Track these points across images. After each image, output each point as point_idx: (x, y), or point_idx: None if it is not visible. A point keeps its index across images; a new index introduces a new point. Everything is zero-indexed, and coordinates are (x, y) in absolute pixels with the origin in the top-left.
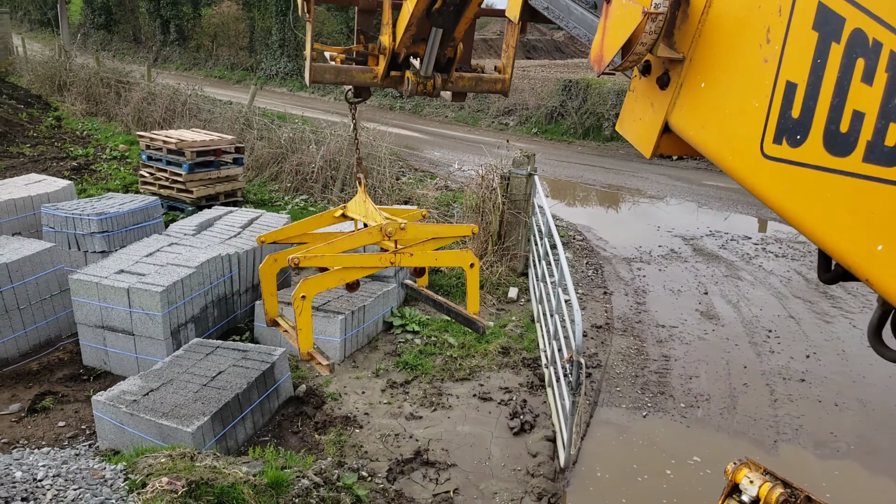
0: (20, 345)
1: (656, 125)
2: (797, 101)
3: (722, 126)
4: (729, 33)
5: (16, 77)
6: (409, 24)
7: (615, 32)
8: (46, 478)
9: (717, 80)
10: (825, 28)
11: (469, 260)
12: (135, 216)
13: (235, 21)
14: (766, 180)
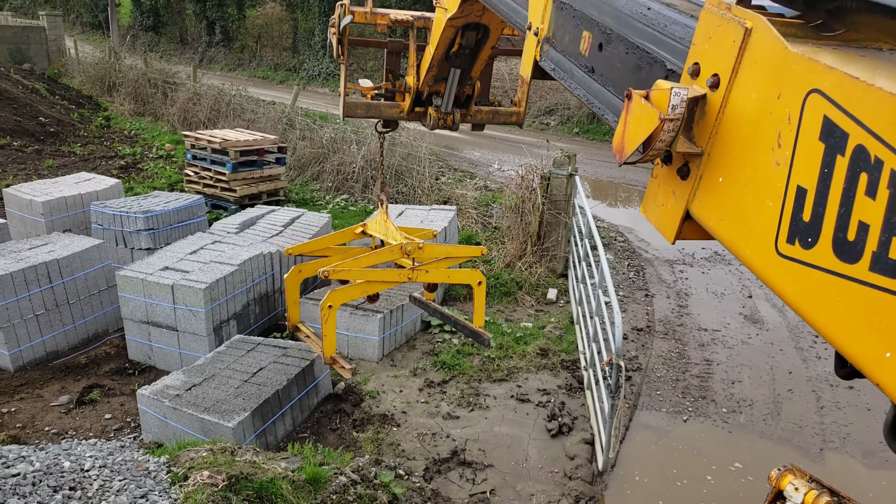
0: (69, 338)
1: (678, 213)
2: (807, 206)
3: (739, 221)
4: (744, 134)
5: (68, 78)
6: (430, 66)
7: (634, 130)
8: (93, 468)
9: (733, 176)
10: (830, 140)
11: (477, 278)
12: (179, 214)
13: (279, 22)
14: (781, 278)
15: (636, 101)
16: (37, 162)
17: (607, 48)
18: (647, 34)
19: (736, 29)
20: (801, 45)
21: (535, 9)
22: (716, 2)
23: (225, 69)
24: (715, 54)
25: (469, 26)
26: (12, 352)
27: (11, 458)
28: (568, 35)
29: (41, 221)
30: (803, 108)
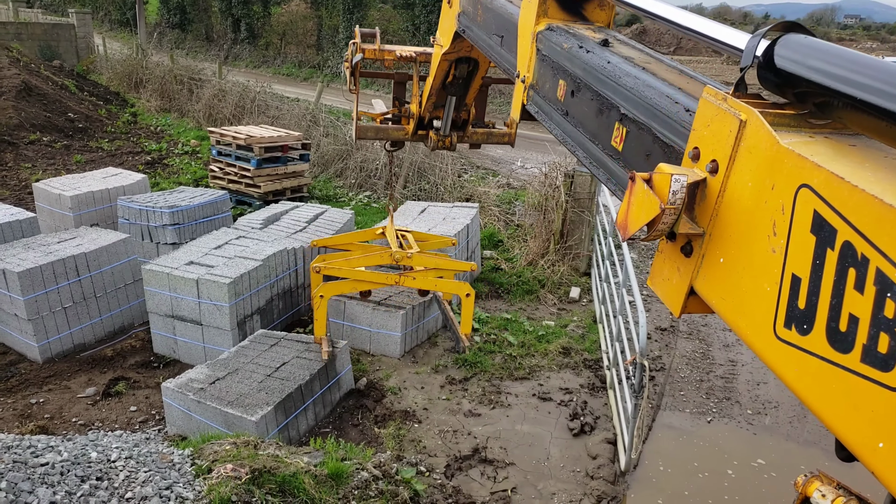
0: (96, 331)
1: (682, 288)
2: (802, 294)
3: (739, 302)
4: (742, 219)
5: (96, 75)
6: (430, 94)
7: (637, 213)
8: (119, 459)
9: (733, 258)
10: (821, 234)
11: (465, 290)
12: (204, 209)
13: (304, 19)
14: (779, 361)
15: (639, 186)
16: (65, 157)
17: (577, 95)
18: (608, 84)
19: (732, 120)
20: (794, 136)
21: (522, 60)
22: (713, 91)
23: (250, 66)
24: (713, 141)
25: (461, 60)
26: (41, 343)
27: (40, 448)
28: (548, 83)
29: (69, 215)
30: (795, 200)
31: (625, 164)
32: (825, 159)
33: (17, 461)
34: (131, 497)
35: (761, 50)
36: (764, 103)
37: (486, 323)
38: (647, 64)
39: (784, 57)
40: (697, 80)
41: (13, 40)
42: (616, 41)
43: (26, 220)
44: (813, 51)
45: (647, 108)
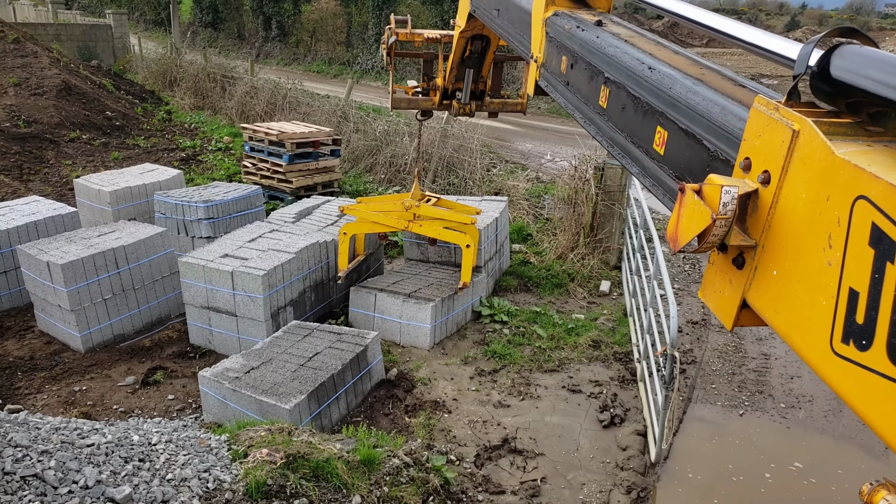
0: (135, 322)
1: (735, 301)
2: (860, 308)
3: (794, 316)
4: (796, 231)
5: (132, 74)
6: (451, 68)
7: (688, 224)
8: (160, 443)
9: (787, 271)
10: (880, 247)
11: (466, 241)
12: (238, 204)
13: (333, 17)
14: (837, 376)
15: (689, 196)
16: (104, 154)
17: (575, 67)
18: (597, 56)
19: (784, 130)
20: (850, 146)
21: (535, 43)
22: (764, 101)
23: (281, 64)
24: (765, 152)
25: (476, 37)
26: (83, 333)
27: (86, 430)
28: (554, 60)
29: (108, 210)
30: (852, 212)
31: (608, 118)
32: (883, 169)
33: (65, 442)
34: (172, 478)
35: (815, 59)
36: (818, 112)
37: (516, 316)
38: (631, 38)
39: (840, 67)
40: (668, 48)
41: (53, 41)
42: (609, 21)
43: (68, 214)
44: (871, 61)
45: (623, 70)
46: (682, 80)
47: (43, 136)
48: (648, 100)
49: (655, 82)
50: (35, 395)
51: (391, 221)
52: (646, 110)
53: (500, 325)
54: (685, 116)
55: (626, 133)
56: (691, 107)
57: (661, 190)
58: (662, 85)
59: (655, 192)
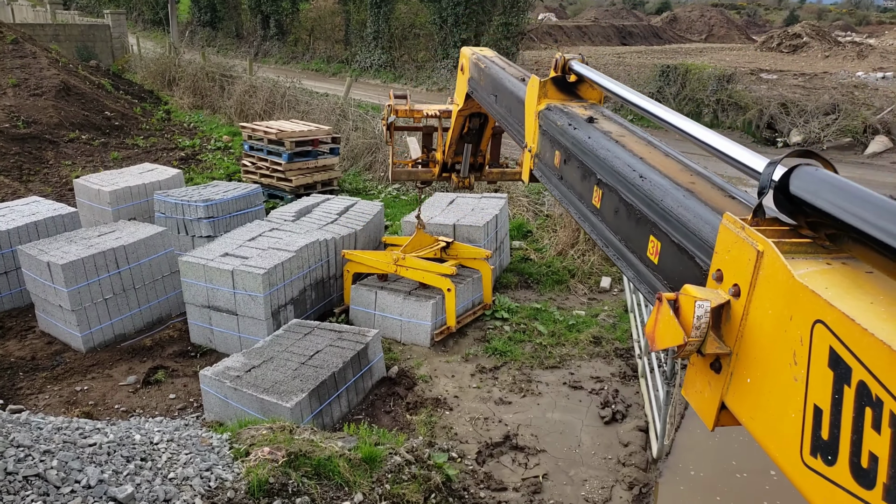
0: (135, 322)
1: (714, 403)
2: (824, 425)
3: (767, 424)
4: (764, 343)
5: (131, 74)
6: (450, 144)
7: (663, 335)
8: (162, 442)
9: (759, 380)
10: (837, 370)
11: (447, 286)
12: (238, 203)
13: (331, 15)
14: (808, 487)
15: (665, 309)
16: (103, 154)
17: (568, 163)
18: (589, 158)
19: (749, 249)
20: (810, 265)
21: (529, 133)
22: (731, 219)
23: (279, 62)
24: (734, 266)
25: (473, 115)
26: (84, 333)
27: (88, 430)
28: (547, 152)
29: (108, 210)
30: (812, 334)
31: (601, 218)
32: (839, 293)
33: (67, 441)
34: (174, 477)
35: (777, 176)
36: (781, 229)
37: (516, 313)
38: (622, 138)
39: (798, 186)
40: (659, 150)
41: (51, 41)
42: (601, 117)
43: (68, 214)
44: (824, 184)
45: (615, 175)
46: (672, 192)
47: (42, 136)
48: (640, 208)
49: (647, 192)
50: (37, 396)
51: (382, 266)
52: (638, 218)
53: (500, 322)
54: (677, 231)
55: (620, 236)
56: (682, 223)
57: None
58: (654, 196)
59: (651, 299)
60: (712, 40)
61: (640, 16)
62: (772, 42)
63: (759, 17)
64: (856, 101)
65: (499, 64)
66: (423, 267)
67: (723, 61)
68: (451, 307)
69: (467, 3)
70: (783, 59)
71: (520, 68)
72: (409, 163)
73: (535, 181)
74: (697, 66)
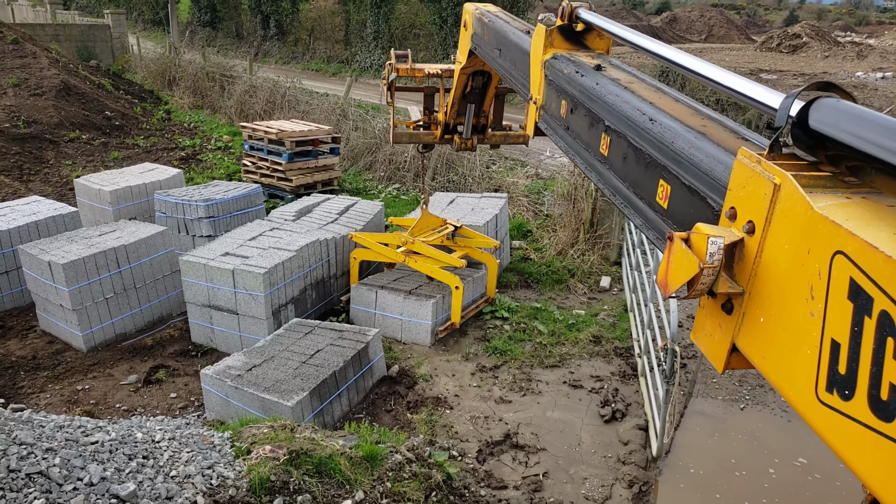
0: (136, 321)
1: (725, 345)
2: (842, 360)
3: (780, 362)
4: (779, 280)
5: (131, 73)
6: (452, 104)
7: (676, 272)
8: (163, 440)
9: (773, 319)
10: (858, 302)
11: (455, 283)
12: (238, 203)
13: (332, 15)
14: (822, 424)
15: (677, 245)
16: (104, 154)
17: (575, 112)
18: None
19: (766, 183)
20: (829, 198)
21: (534, 85)
22: (747, 154)
23: (279, 62)
24: (749, 203)
25: (476, 73)
26: (85, 333)
27: (90, 428)
28: (553, 103)
29: (109, 210)
30: (831, 266)
31: (609, 166)
32: (860, 224)
33: (69, 439)
34: (175, 475)
35: (795, 110)
36: (799, 164)
37: (516, 312)
38: (630, 84)
39: (818, 119)
40: (669, 95)
41: (52, 41)
42: (609, 65)
43: (69, 214)
44: (846, 115)
45: (624, 119)
46: (684, 134)
47: (43, 136)
48: (650, 152)
49: (657, 135)
50: (38, 395)
51: (390, 255)
52: (647, 162)
53: (500, 321)
54: (688, 172)
55: (628, 183)
56: (694, 163)
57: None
58: (664, 138)
59: (659, 245)
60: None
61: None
62: (771, 42)
63: (758, 18)
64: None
65: (503, 18)
66: (433, 256)
67: (722, 61)
68: (457, 304)
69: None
70: (783, 59)
71: (524, 23)
72: (411, 124)
73: (540, 134)
74: None
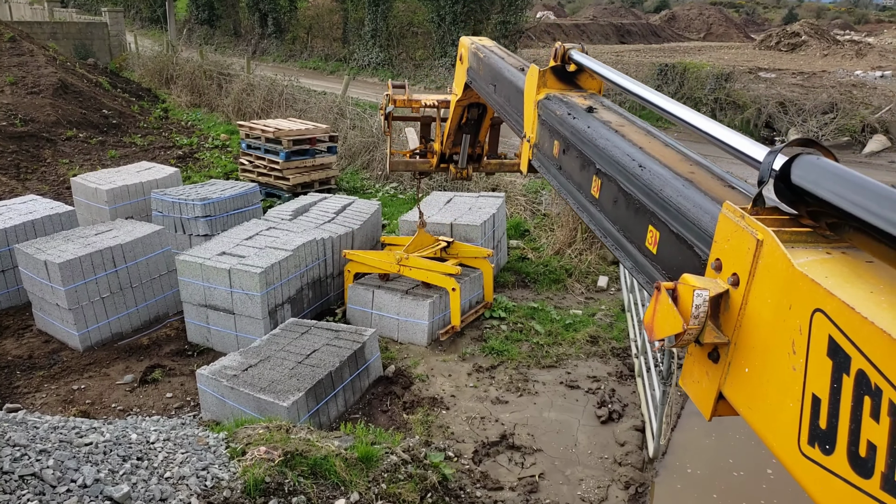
0: (133, 321)
1: (712, 393)
2: (822, 415)
3: (765, 413)
4: (763, 333)
5: (129, 72)
6: (448, 134)
7: (662, 324)
8: (158, 441)
9: (757, 370)
10: (836, 359)
11: (451, 285)
12: (235, 202)
13: (329, 13)
14: (805, 476)
15: (663, 297)
16: (100, 152)
17: (567, 153)
18: (588, 147)
19: (749, 238)
20: (810, 254)
21: (528, 123)
22: (731, 208)
23: (277, 60)
24: (734, 256)
25: (472, 105)
26: (81, 332)
27: (84, 429)
28: (546, 142)
29: (105, 209)
30: (811, 323)
31: (600, 208)
32: (838, 282)
33: (63, 440)
34: (170, 476)
35: (778, 165)
36: (781, 218)
37: (513, 312)
38: (621, 127)
39: (799, 176)
40: (658, 139)
41: (49, 39)
42: (601, 107)
43: (65, 213)
44: (826, 173)
45: (614, 164)
46: (672, 182)
47: (40, 134)
48: (639, 198)
49: (646, 181)
50: (34, 394)
51: (385, 265)
52: (637, 207)
53: (497, 321)
54: (676, 221)
55: (619, 226)
56: (682, 212)
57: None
58: (653, 185)
59: (648, 289)
60: (711, 39)
61: (639, 14)
62: (770, 41)
63: (757, 16)
64: (854, 100)
65: (498, 54)
66: (426, 266)
67: (721, 60)
68: (455, 306)
69: (465, 2)
70: (781, 57)
71: (519, 58)
72: (408, 153)
73: (533, 172)
74: (696, 64)
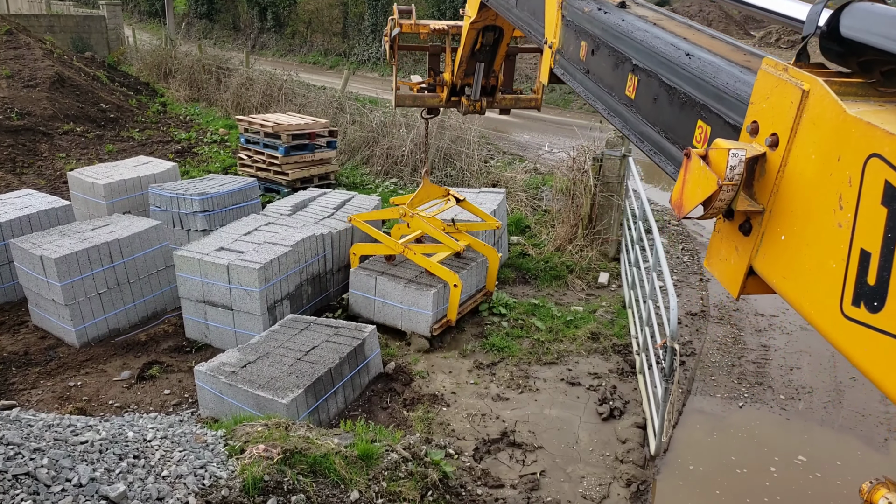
0: (130, 317)
1: (741, 268)
2: (872, 269)
3: (802, 280)
4: (804, 193)
5: (127, 65)
6: (460, 62)
7: (693, 190)
8: (155, 439)
9: (796, 235)
10: (893, 206)
11: (454, 280)
12: (234, 197)
13: (329, 7)
14: (847, 340)
15: (694, 162)
16: (98, 147)
17: (597, 53)
18: (623, 41)
19: (793, 91)
20: (862, 105)
21: (549, 27)
22: (773, 62)
23: (276, 55)
24: (773, 114)
25: (487, 28)
26: (77, 328)
27: (80, 427)
28: (571, 45)
29: (102, 203)
30: (864, 171)
31: (636, 110)
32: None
33: (58, 439)
34: (167, 475)
35: (824, 19)
36: (828, 72)
37: (514, 308)
38: (660, 21)
39: (850, 26)
40: (704, 32)
41: (46, 32)
42: (633, 3)
43: (62, 207)
44: (881, 17)
45: (655, 56)
46: (727, 69)
47: (36, 128)
48: (687, 90)
49: (696, 70)
50: (29, 391)
51: (389, 244)
52: (683, 102)
53: (498, 317)
54: (734, 110)
55: (658, 127)
56: (742, 99)
57: None
58: (704, 74)
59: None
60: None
61: None
62: (770, 38)
63: None
64: None
65: None
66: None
67: None
68: (454, 302)
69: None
70: (781, 54)
71: None
72: (415, 86)
73: (555, 81)
74: None
